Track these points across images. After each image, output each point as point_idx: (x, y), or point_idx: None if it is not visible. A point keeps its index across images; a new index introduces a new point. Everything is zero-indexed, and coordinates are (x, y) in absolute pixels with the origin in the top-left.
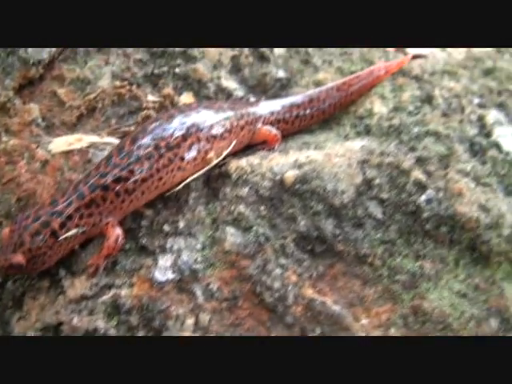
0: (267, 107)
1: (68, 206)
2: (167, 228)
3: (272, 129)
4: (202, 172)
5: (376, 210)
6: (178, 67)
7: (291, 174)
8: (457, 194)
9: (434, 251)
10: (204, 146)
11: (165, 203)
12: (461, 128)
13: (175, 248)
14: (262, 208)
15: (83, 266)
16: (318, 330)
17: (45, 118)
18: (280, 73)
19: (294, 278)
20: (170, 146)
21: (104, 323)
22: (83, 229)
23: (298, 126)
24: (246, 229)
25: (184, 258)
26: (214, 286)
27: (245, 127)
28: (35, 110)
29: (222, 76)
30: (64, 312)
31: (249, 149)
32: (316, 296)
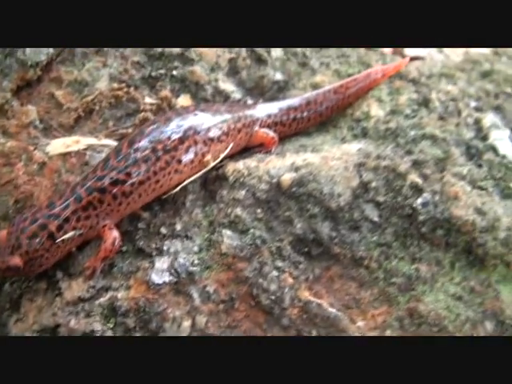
0: (264, 110)
1: (65, 209)
2: (164, 230)
3: (269, 131)
4: (199, 175)
5: (372, 212)
6: (175, 69)
7: (288, 177)
8: (453, 197)
9: (429, 254)
10: (201, 149)
11: (162, 206)
12: (457, 131)
13: (172, 250)
14: (258, 211)
15: (80, 268)
16: (314, 333)
17: (42, 120)
18: (277, 75)
19: (291, 280)
20: (168, 149)
21: (101, 325)
22: (80, 231)
23: (295, 129)
24: (242, 231)
25: (181, 260)
26: (210, 289)
27: (242, 130)
28: (33, 111)
29: (219, 78)
30: (61, 314)
31: (246, 151)
32: (312, 298)
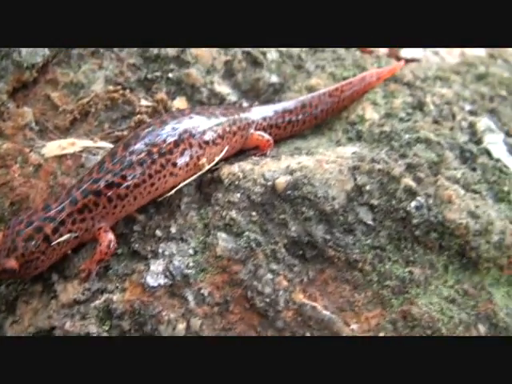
0: (259, 113)
1: (61, 212)
2: (159, 233)
3: (264, 134)
4: (194, 177)
5: (366, 216)
6: (171, 72)
7: (283, 180)
8: (446, 200)
9: (423, 257)
10: (196, 152)
11: (157, 208)
12: (451, 135)
13: (167, 253)
14: (253, 213)
15: (76, 270)
16: (308, 335)
17: (38, 122)
18: (273, 78)
19: (285, 282)
20: (163, 152)
21: (96, 328)
22: (76, 234)
23: (290, 132)
24: (237, 234)
25: (176, 263)
26: (205, 291)
27: (237, 133)
28: (29, 113)
29: (215, 81)
30: (57, 316)
31: (241, 154)
32: (306, 301)
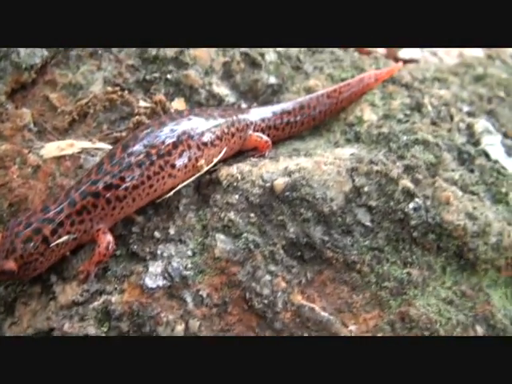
0: (258, 114)
1: (59, 213)
2: (158, 234)
3: (263, 136)
4: (192, 179)
5: (364, 217)
6: (169, 73)
7: (281, 182)
8: (444, 202)
9: (421, 258)
10: (195, 154)
11: (156, 210)
12: (449, 136)
13: (166, 254)
14: (251, 215)
15: (74, 272)
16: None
17: (37, 123)
18: (271, 79)
19: (283, 284)
20: (161, 154)
21: (95, 329)
22: (74, 235)
23: (288, 133)
24: (235, 235)
25: (174, 264)
26: (203, 293)
27: (235, 134)
28: (27, 114)
29: (213, 82)
30: (55, 318)
31: (239, 155)
32: (305, 302)
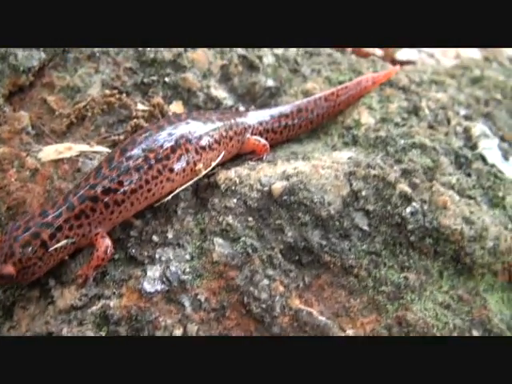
0: (256, 117)
1: (58, 217)
2: (156, 238)
3: (260, 139)
4: (190, 183)
5: (362, 221)
6: (167, 76)
7: (279, 186)
8: (441, 206)
9: (418, 263)
10: (193, 157)
11: (154, 214)
12: (446, 140)
13: (164, 258)
14: (249, 219)
15: (73, 276)
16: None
17: (34, 126)
18: (269, 82)
19: (281, 288)
20: (160, 158)
21: (93, 334)
22: (73, 240)
23: (286, 136)
24: (234, 239)
25: (172, 268)
26: (202, 297)
27: (233, 138)
28: (25, 117)
29: (211, 85)
30: (54, 322)
31: (237, 158)
32: (303, 306)
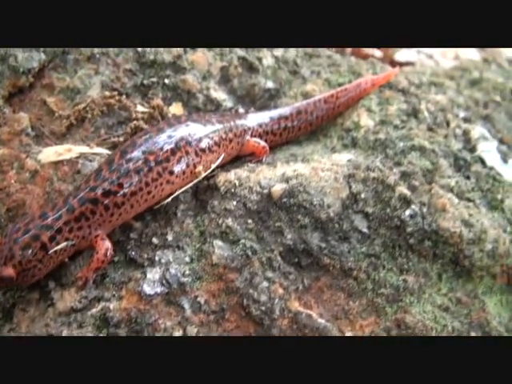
0: (255, 119)
1: (58, 220)
2: (156, 240)
3: (260, 141)
4: (190, 185)
5: (361, 223)
6: (167, 78)
7: (279, 188)
8: (440, 208)
9: (417, 265)
10: (193, 160)
11: (154, 216)
12: (446, 143)
13: (164, 261)
14: (249, 221)
15: (73, 278)
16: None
17: (34, 128)
18: (269, 83)
19: (281, 290)
20: (159, 160)
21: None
22: (73, 242)
23: (285, 138)
24: (233, 242)
25: (172, 270)
26: (201, 299)
27: (233, 140)
28: (25, 119)
29: (211, 87)
30: (54, 324)
31: (237, 160)
32: (302, 309)
